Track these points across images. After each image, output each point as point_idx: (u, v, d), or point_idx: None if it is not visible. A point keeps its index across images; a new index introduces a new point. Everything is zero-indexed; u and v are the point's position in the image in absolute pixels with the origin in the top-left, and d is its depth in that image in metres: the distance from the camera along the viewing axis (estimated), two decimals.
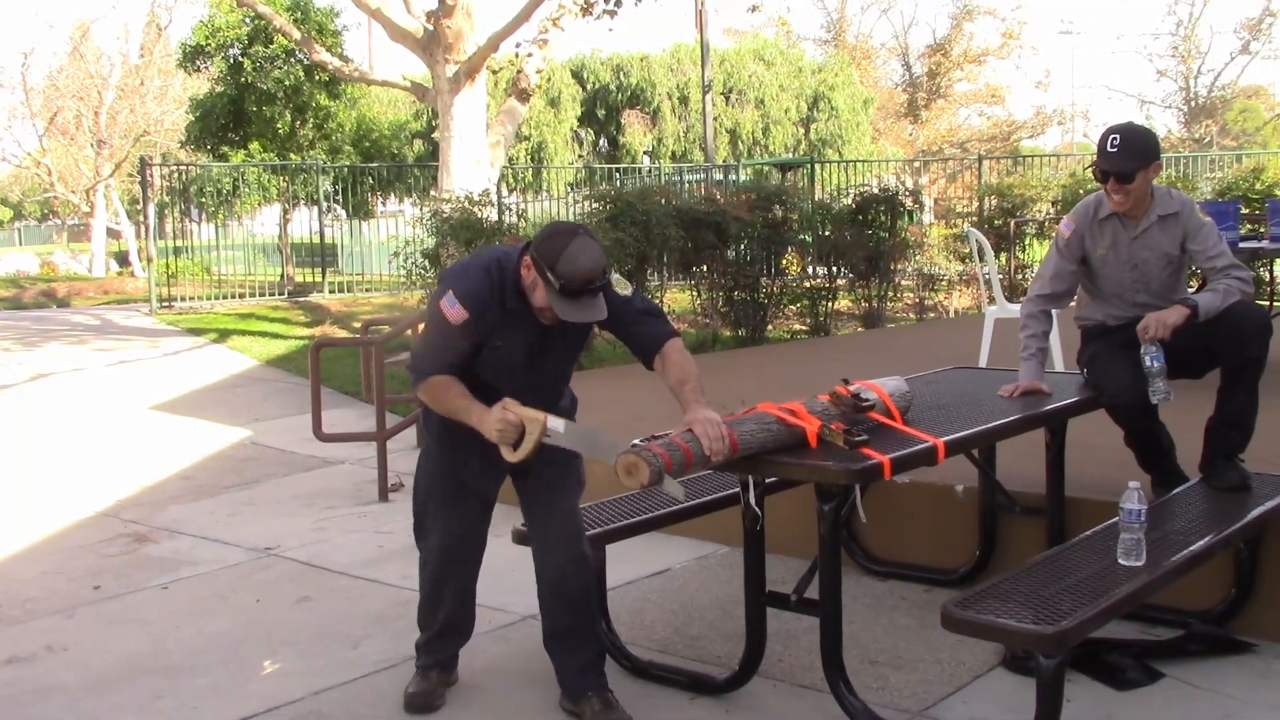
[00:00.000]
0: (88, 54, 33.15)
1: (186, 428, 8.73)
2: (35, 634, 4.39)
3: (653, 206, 10.20)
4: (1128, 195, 4.01)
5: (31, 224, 53.99)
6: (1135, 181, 3.98)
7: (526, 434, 3.19)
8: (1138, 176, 3.98)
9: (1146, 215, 4.09)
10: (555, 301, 3.13)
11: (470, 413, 3.26)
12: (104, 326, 15.75)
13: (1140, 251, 4.11)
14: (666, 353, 3.33)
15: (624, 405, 6.94)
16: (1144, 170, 3.98)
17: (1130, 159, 3.97)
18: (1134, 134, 4.05)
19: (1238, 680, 3.55)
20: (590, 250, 3.13)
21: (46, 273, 30.11)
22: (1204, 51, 42.06)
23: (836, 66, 32.37)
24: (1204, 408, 4.07)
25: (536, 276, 3.17)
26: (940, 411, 3.76)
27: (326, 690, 3.75)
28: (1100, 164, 4.02)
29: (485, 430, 3.22)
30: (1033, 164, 20.20)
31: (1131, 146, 3.98)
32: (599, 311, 3.20)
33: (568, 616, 3.50)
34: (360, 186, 20.86)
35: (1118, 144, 3.98)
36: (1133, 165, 3.96)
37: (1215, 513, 3.68)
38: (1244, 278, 4.01)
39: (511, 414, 3.19)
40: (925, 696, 3.52)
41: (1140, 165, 3.97)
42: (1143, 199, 4.06)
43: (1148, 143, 4.04)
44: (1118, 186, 4.00)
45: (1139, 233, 4.10)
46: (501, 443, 3.21)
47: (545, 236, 3.19)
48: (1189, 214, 4.08)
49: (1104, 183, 4.05)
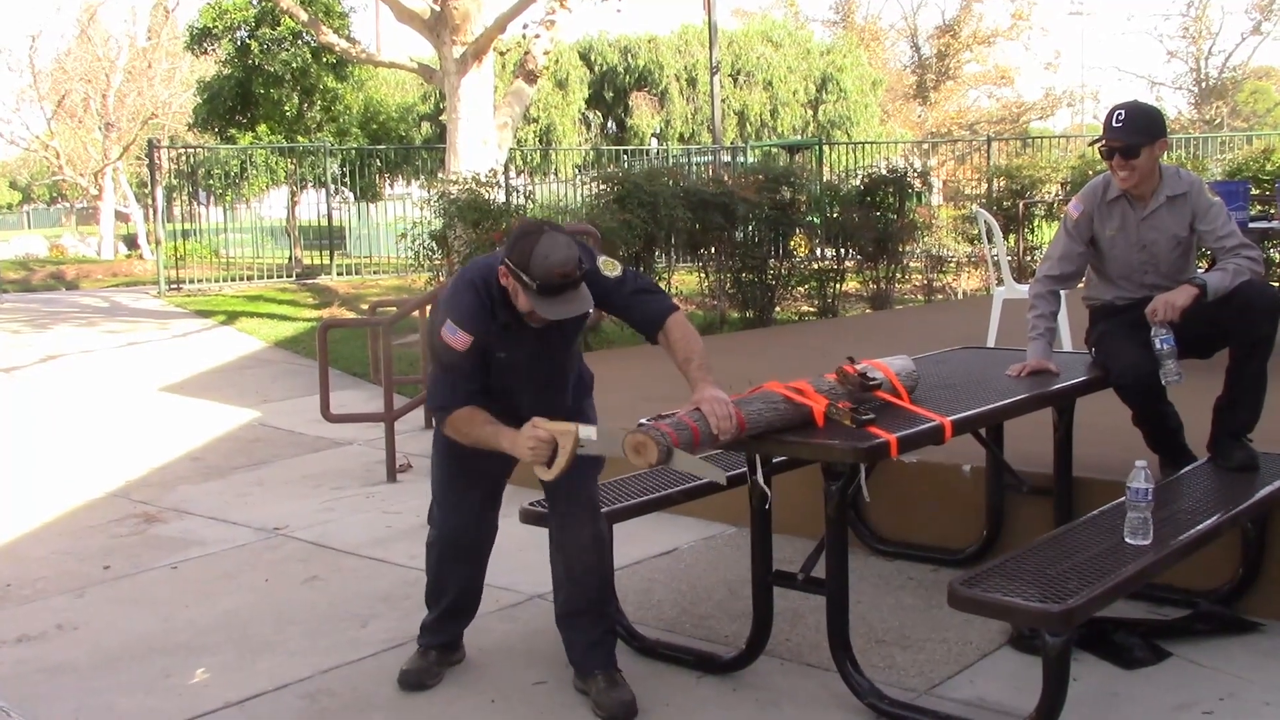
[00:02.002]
0: (95, 37, 33.16)
1: (195, 409, 8.75)
2: (46, 613, 4.42)
3: (660, 188, 10.18)
4: (1133, 172, 4.00)
5: (40, 207, 54.08)
6: (1140, 158, 3.98)
7: (560, 449, 3.13)
8: (1142, 153, 3.97)
9: (1155, 196, 4.07)
10: (536, 303, 3.10)
11: (500, 439, 3.22)
12: (113, 309, 15.78)
13: (1149, 233, 4.09)
14: (669, 328, 3.32)
15: (635, 386, 6.94)
16: (1149, 146, 3.98)
17: (1135, 134, 3.97)
18: (1139, 111, 4.05)
19: (1244, 660, 3.55)
20: (559, 244, 3.09)
21: (55, 255, 30.17)
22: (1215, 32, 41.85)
23: (845, 48, 32.24)
24: (1212, 387, 4.06)
25: (514, 282, 3.15)
26: (948, 391, 3.75)
27: (335, 669, 3.77)
28: (1106, 139, 4.02)
29: (519, 454, 3.18)
30: (1042, 145, 20.14)
31: (1136, 122, 3.98)
32: (583, 304, 3.17)
33: (581, 596, 3.50)
34: (368, 169, 20.87)
35: (1123, 119, 3.99)
36: (1137, 140, 3.96)
37: (1223, 492, 3.67)
38: (1254, 257, 3.99)
39: (542, 431, 3.14)
40: (932, 675, 3.53)
41: (1145, 141, 3.97)
42: (1148, 177, 4.04)
43: (1153, 120, 4.03)
44: (1123, 163, 4.00)
45: (1148, 213, 4.08)
46: (535, 463, 3.17)
47: (514, 241, 3.16)
48: (1198, 194, 4.07)
49: (1109, 160, 4.05)
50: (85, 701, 3.59)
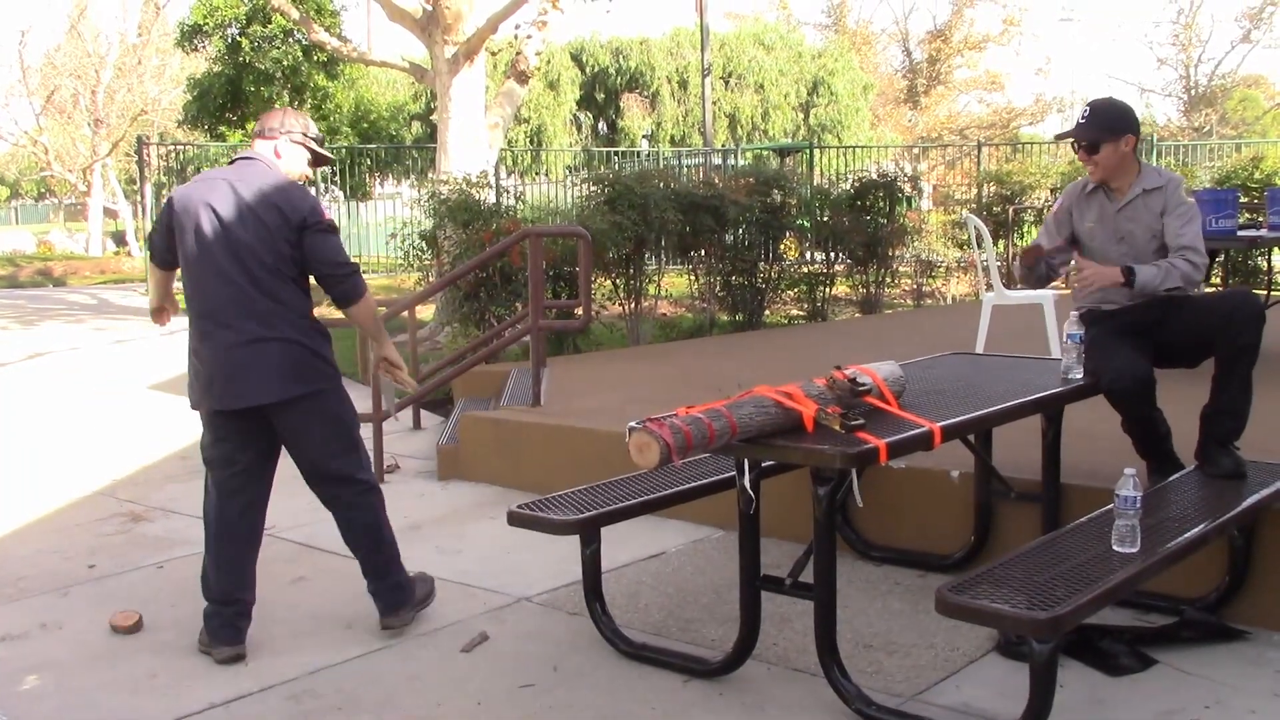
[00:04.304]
0: (85, 32, 33.06)
1: (183, 407, 8.67)
2: (29, 611, 4.39)
3: (651, 190, 10.17)
4: (1097, 166, 4.14)
5: (28, 203, 53.86)
6: (1101, 153, 4.10)
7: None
8: (1103, 148, 4.10)
9: (1132, 188, 4.18)
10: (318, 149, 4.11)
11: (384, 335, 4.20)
12: (101, 306, 15.72)
13: (1125, 224, 4.19)
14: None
15: (628, 388, 6.94)
16: (1111, 142, 4.09)
17: (1096, 130, 4.10)
18: (1106, 107, 4.17)
19: (1230, 667, 3.56)
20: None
21: (43, 252, 30.08)
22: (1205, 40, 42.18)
23: (836, 52, 32.30)
24: (1199, 396, 4.07)
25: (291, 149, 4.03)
26: (937, 397, 3.76)
27: (320, 670, 3.75)
28: (1070, 132, 4.17)
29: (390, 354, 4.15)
30: (1032, 151, 20.17)
31: (1100, 118, 4.12)
32: None
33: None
34: (358, 168, 20.84)
35: (1087, 115, 4.14)
36: (1098, 136, 4.09)
37: (1210, 500, 3.68)
38: (1195, 262, 4.07)
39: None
40: (919, 681, 3.53)
41: (1106, 137, 4.09)
42: (1117, 171, 4.14)
43: (1119, 115, 4.14)
44: (1086, 157, 4.15)
45: (1123, 205, 4.19)
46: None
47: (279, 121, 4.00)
48: (1173, 190, 4.17)
49: (1077, 153, 4.18)
50: (68, 700, 3.58)
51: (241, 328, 3.72)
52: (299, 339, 3.78)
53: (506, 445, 5.98)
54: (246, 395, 3.76)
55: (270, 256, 3.73)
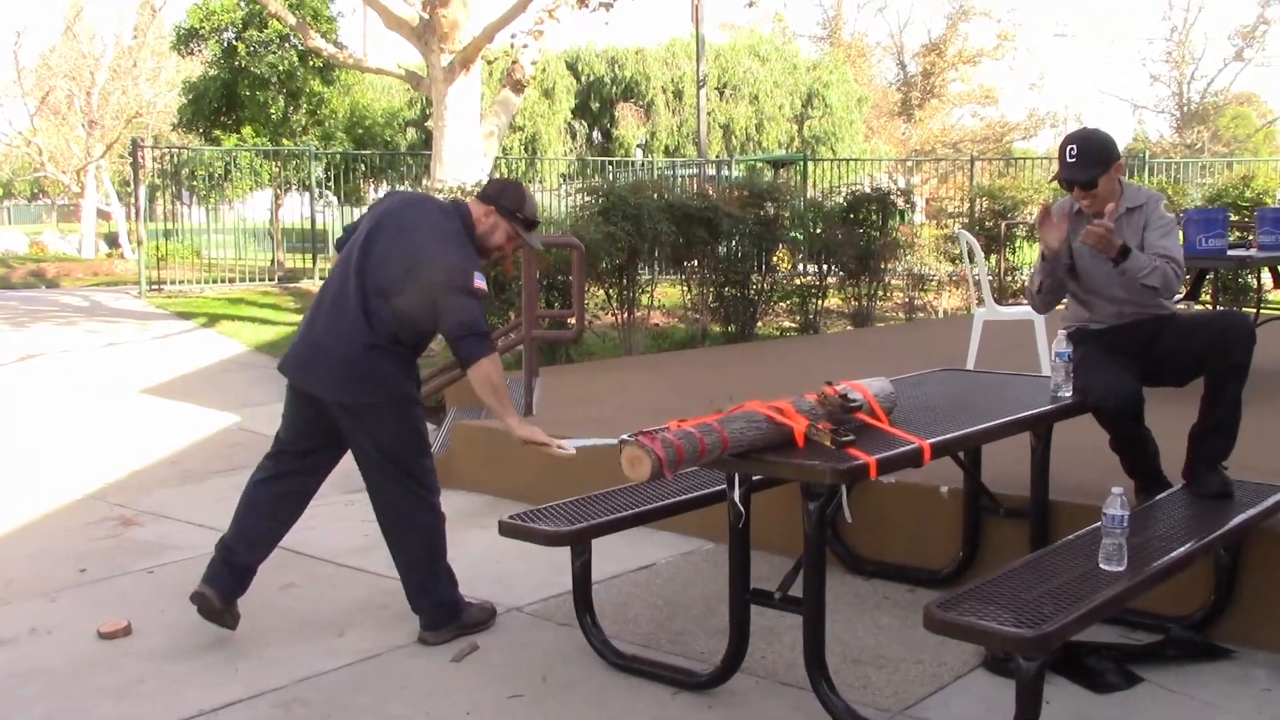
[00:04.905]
0: (81, 34, 33.06)
1: (175, 412, 8.72)
2: (19, 616, 4.39)
3: (645, 201, 10.19)
4: (1094, 199, 4.15)
5: (21, 203, 53.75)
6: (1099, 187, 4.13)
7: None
8: (1100, 182, 4.12)
9: (1117, 208, 4.19)
10: (524, 234, 4.03)
11: (509, 413, 3.95)
12: (93, 308, 15.70)
13: None
14: None
15: (621, 398, 6.96)
16: (1105, 175, 4.12)
17: (1090, 167, 4.12)
18: (1090, 141, 4.18)
19: (1215, 686, 3.58)
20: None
21: (35, 253, 30.01)
22: (1197, 57, 42.23)
23: (831, 64, 32.39)
24: (1189, 415, 4.10)
25: (498, 220, 3.96)
26: (928, 413, 3.78)
27: (310, 678, 3.76)
28: (1062, 174, 4.17)
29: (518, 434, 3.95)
30: (1025, 166, 20.26)
31: (1089, 155, 4.13)
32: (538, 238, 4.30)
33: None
34: (353, 173, 20.83)
35: (1076, 154, 4.13)
36: (1094, 173, 4.12)
37: (1197, 519, 3.71)
38: (1176, 271, 4.12)
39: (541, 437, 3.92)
40: (906, 696, 3.55)
41: (1100, 171, 4.12)
42: (1109, 198, 4.16)
43: (1105, 147, 4.17)
44: (1083, 194, 4.16)
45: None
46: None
47: (501, 189, 4.02)
48: (1153, 206, 4.23)
49: (1069, 191, 4.20)
50: (58, 705, 3.58)
51: (331, 327, 3.92)
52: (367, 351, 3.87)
53: (498, 454, 5.98)
54: (310, 381, 3.98)
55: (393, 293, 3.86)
